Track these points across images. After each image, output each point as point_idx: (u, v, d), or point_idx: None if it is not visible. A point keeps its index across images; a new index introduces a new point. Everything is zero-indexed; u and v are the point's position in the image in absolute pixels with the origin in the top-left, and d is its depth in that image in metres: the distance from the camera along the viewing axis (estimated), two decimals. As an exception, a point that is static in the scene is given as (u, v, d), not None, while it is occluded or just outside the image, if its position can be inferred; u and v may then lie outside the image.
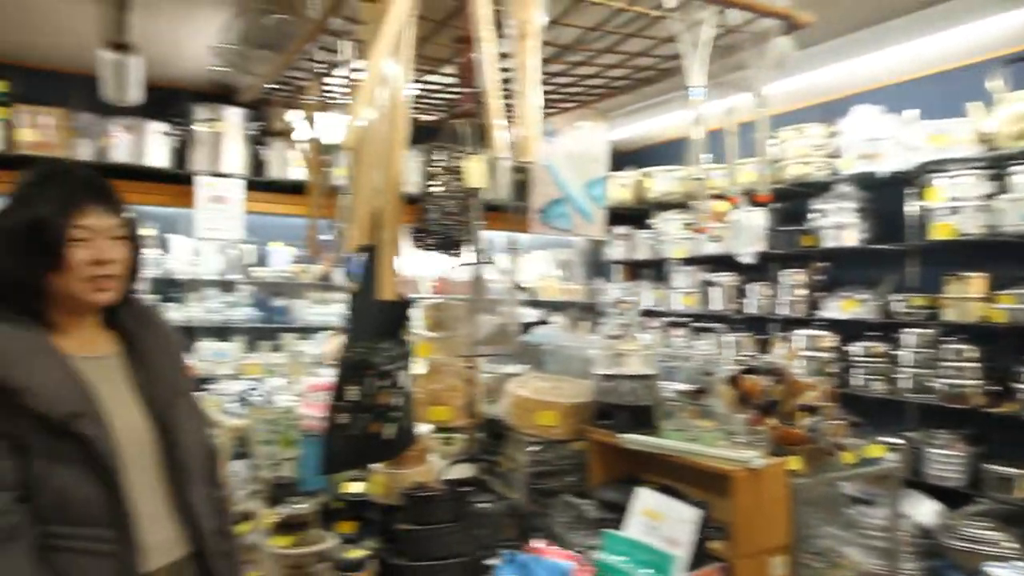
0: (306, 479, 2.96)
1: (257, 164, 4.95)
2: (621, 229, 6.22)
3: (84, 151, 4.49)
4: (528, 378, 3.21)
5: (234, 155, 4.78)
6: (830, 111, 4.83)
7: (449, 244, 1.82)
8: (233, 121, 4.76)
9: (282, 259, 5.37)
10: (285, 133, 4.91)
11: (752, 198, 2.44)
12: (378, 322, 1.88)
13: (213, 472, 1.74)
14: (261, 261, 5.38)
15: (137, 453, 1.51)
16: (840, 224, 4.57)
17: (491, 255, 1.91)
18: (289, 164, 4.92)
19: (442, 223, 1.68)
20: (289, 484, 2.75)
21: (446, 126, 1.87)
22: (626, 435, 2.60)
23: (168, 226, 5.10)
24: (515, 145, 1.48)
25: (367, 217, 1.66)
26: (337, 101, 2.69)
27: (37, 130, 4.29)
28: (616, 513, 2.57)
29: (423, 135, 2.12)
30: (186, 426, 1.60)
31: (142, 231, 1.65)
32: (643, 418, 2.70)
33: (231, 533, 1.77)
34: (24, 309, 1.48)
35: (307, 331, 5.39)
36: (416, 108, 2.41)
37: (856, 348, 4.53)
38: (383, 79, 1.52)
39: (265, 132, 4.95)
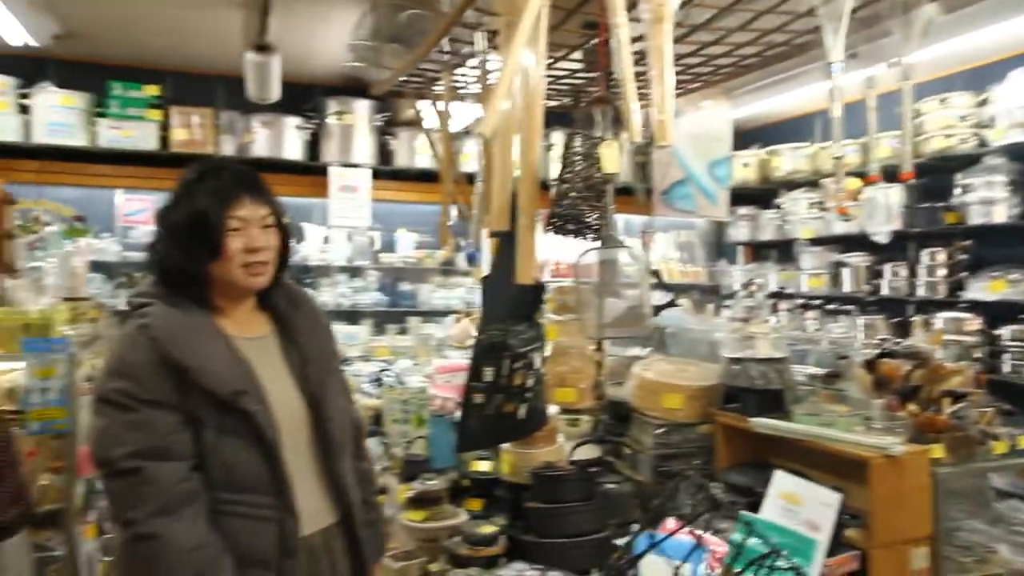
0: (436, 457, 3.08)
1: (384, 154, 5.14)
2: (744, 209, 6.06)
3: (228, 147, 4.80)
4: (653, 361, 3.21)
5: (363, 146, 4.98)
6: (977, 79, 4.52)
7: (584, 229, 1.85)
8: (362, 113, 4.95)
9: (407, 245, 5.55)
10: (412, 123, 5.09)
11: (896, 175, 2.33)
12: (513, 305, 1.94)
13: (359, 446, 1.85)
14: (387, 247, 5.59)
15: (292, 427, 1.61)
16: (989, 199, 4.29)
17: (624, 238, 1.93)
18: (415, 153, 5.07)
19: (578, 208, 1.71)
20: (421, 461, 2.87)
21: (580, 112, 1.90)
22: (756, 419, 2.57)
23: (301, 215, 5.39)
24: (651, 129, 1.49)
25: (504, 203, 1.71)
26: (468, 91, 2.76)
27: (187, 130, 4.61)
28: (745, 497, 2.55)
29: (551, 121, 2.15)
30: (335, 402, 1.69)
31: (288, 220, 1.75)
32: (773, 402, 2.65)
33: (375, 504, 1.87)
34: (191, 295, 1.60)
35: (432, 315, 5.57)
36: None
37: (1005, 332, 4.25)
38: (521, 68, 1.56)
39: (392, 123, 5.12)
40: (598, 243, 1.93)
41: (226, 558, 1.49)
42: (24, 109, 4.50)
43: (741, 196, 5.74)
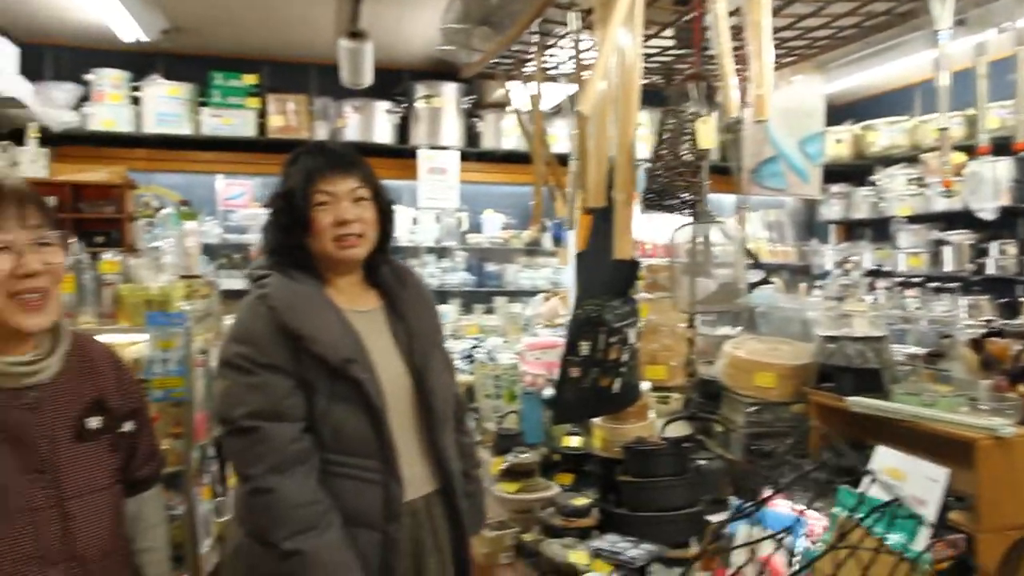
0: (527, 432, 3.15)
1: (471, 136, 5.21)
2: (837, 187, 5.88)
3: (321, 132, 4.96)
4: (744, 339, 3.18)
5: (451, 128, 5.06)
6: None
7: (679, 205, 1.86)
8: (449, 96, 5.04)
9: (494, 226, 5.63)
10: (499, 105, 5.14)
11: (1007, 147, 2.24)
12: (609, 281, 1.96)
13: (460, 419, 1.91)
14: (474, 228, 5.68)
15: (397, 397, 1.68)
16: (1105, 173, 4.04)
17: (718, 215, 1.92)
18: (502, 134, 5.13)
19: (673, 184, 1.72)
20: (514, 435, 2.94)
21: (673, 88, 1.90)
22: (853, 398, 2.52)
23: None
24: (748, 104, 1.49)
25: (600, 180, 1.74)
26: (559, 71, 2.78)
27: (283, 116, 4.79)
28: (841, 476, 2.51)
29: (643, 98, 2.15)
30: (438, 376, 1.74)
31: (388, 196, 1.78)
32: (871, 381, 2.60)
33: (475, 476, 1.92)
34: (302, 269, 1.68)
35: (517, 295, 5.64)
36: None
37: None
38: (618, 46, 1.58)
39: (479, 105, 5.18)
40: (691, 220, 1.94)
41: (334, 515, 1.57)
42: (136, 101, 4.76)
43: (834, 173, 5.57)
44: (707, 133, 1.69)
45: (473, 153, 5.20)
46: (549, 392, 3.31)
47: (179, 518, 2.63)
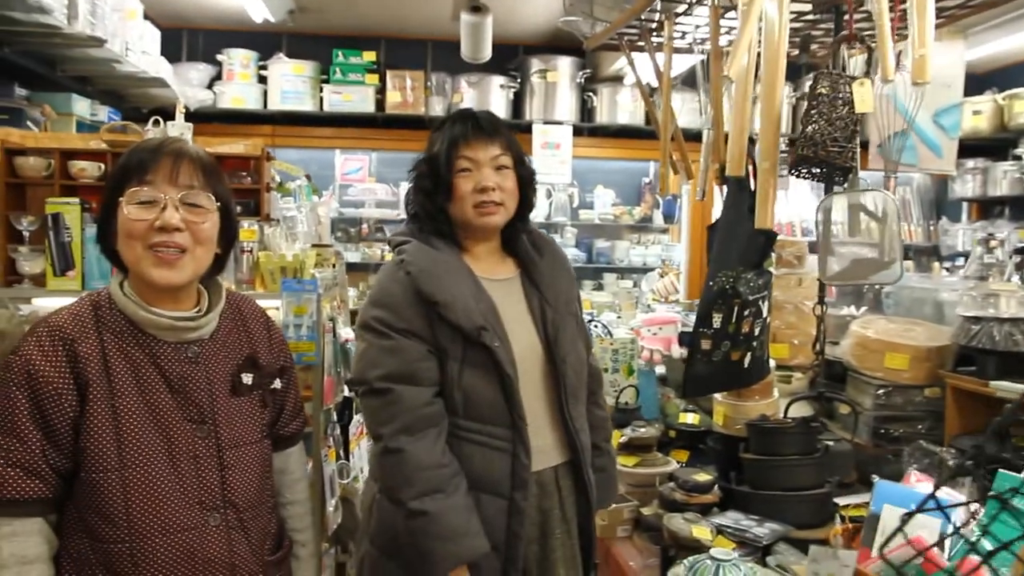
0: (643, 407, 3.13)
1: (585, 110, 5.17)
2: (973, 162, 5.51)
3: (437, 108, 5.03)
4: (873, 319, 3.05)
5: (564, 103, 5.04)
6: None
7: (831, 172, 1.79)
8: (564, 70, 5.01)
9: (605, 202, 5.59)
10: (615, 78, 5.08)
11: None
12: (743, 252, 1.92)
13: (595, 391, 1.89)
14: (584, 204, 5.65)
15: (529, 366, 1.69)
16: None
17: (867, 184, 1.84)
18: (617, 109, 5.07)
19: (826, 149, 1.65)
20: (633, 409, 2.93)
21: (829, 50, 1.82)
22: (1000, 383, 2.38)
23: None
24: (903, 67, 1.41)
25: (742, 148, 1.70)
26: (686, 41, 2.72)
27: (401, 92, 4.89)
28: (981, 465, 2.39)
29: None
30: (572, 347, 1.74)
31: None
32: (1018, 365, 2.45)
33: (607, 450, 1.90)
34: (441, 236, 1.72)
35: (627, 271, 5.59)
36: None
37: None
38: (763, 13, 1.53)
39: (593, 79, 5.13)
40: (839, 188, 1.86)
41: (461, 479, 1.60)
42: (262, 79, 4.97)
43: (970, 147, 5.23)
44: (865, 97, 1.61)
45: (586, 128, 5.16)
46: (661, 369, 3.29)
47: (307, 477, 2.75)
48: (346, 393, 3.01)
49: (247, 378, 1.47)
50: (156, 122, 2.71)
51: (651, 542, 2.31)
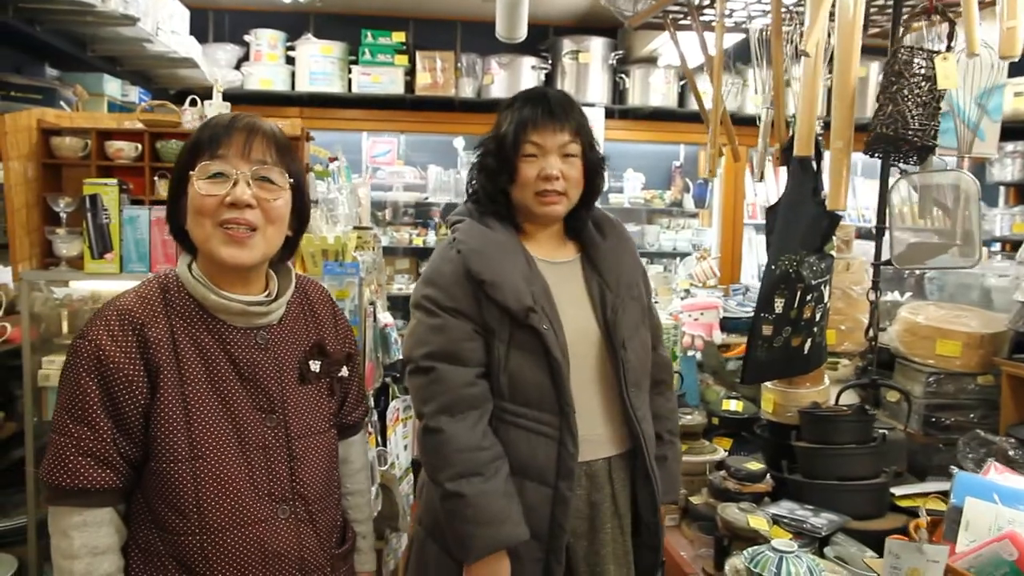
0: (686, 394, 3.07)
1: (617, 93, 5.09)
2: (1012, 145, 5.38)
3: (468, 89, 4.96)
4: (922, 305, 2.97)
5: (597, 84, 4.96)
6: None
7: (909, 151, 1.72)
8: (596, 52, 4.92)
9: (634, 186, 5.50)
10: (648, 60, 4.98)
11: None
12: (806, 234, 1.86)
13: (661, 380, 1.83)
14: (615, 188, 5.57)
15: (583, 352, 1.64)
16: None
17: (945, 164, 1.77)
18: (649, 91, 4.97)
19: (909, 128, 1.58)
20: (678, 396, 2.88)
21: (908, 25, 1.75)
22: (1062, 370, 2.31)
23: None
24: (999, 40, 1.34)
25: (810, 128, 1.63)
26: (736, 19, 2.63)
27: (431, 73, 4.82)
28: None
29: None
30: (632, 331, 1.67)
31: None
32: (1081, 353, 2.38)
33: (670, 442, 1.84)
34: (500, 216, 1.68)
35: (658, 256, 5.52)
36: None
37: None
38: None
39: (626, 60, 5.04)
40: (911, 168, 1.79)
41: (502, 464, 1.56)
42: (290, 60, 4.91)
43: (1009, 130, 5.09)
44: (948, 72, 1.54)
45: (617, 110, 5.08)
46: (699, 355, 3.22)
47: (367, 467, 2.73)
48: (384, 379, 2.97)
49: (315, 365, 1.42)
50: (193, 102, 2.67)
51: (701, 532, 2.26)
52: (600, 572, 1.66)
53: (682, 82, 5.04)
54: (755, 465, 2.31)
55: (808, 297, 1.85)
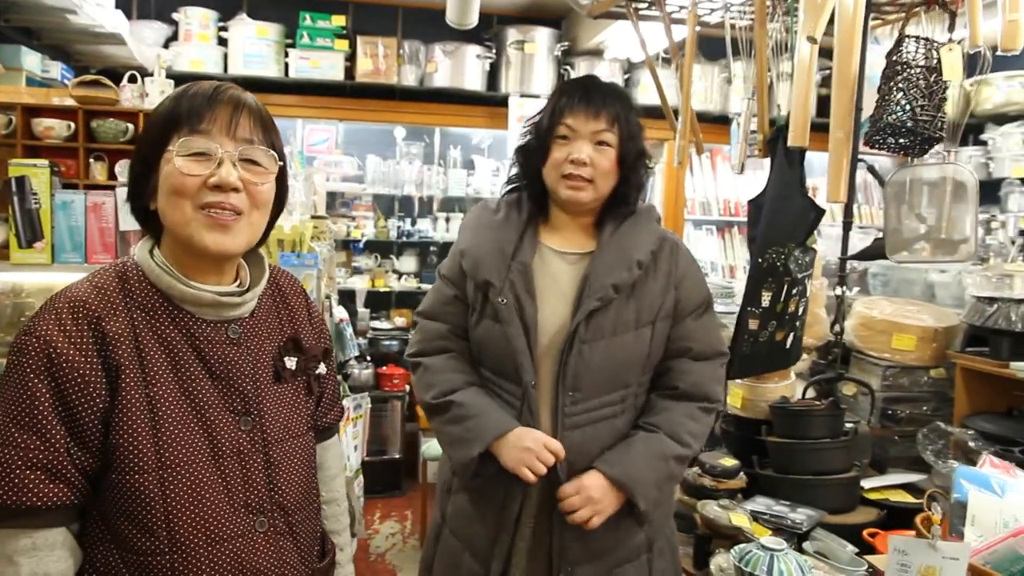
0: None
1: (562, 85, 5.03)
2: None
3: (410, 77, 4.82)
4: (876, 300, 3.03)
5: (542, 76, 4.89)
6: None
7: (914, 142, 1.71)
8: (542, 42, 4.85)
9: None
10: (594, 52, 4.94)
11: None
12: (792, 228, 1.83)
13: (673, 387, 1.66)
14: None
15: (550, 342, 1.60)
16: None
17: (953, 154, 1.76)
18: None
19: (917, 119, 1.56)
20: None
21: (911, 14, 1.73)
22: (1019, 363, 2.37)
23: (474, 149, 5.40)
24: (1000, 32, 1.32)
25: (805, 117, 1.60)
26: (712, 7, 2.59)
27: (372, 59, 4.66)
28: (995, 444, 2.38)
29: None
30: (601, 335, 1.57)
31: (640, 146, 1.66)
32: (1032, 346, 2.45)
33: (647, 427, 1.65)
34: (530, 197, 1.71)
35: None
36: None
37: None
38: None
39: (571, 52, 4.99)
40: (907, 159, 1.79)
41: (480, 388, 1.66)
42: (223, 42, 4.66)
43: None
44: (953, 63, 1.53)
45: (562, 103, 5.02)
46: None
47: (343, 472, 2.58)
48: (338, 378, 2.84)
49: (291, 362, 1.29)
50: (133, 78, 2.47)
51: (678, 530, 2.21)
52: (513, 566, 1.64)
53: (626, 75, 5.03)
54: (729, 461, 2.29)
55: (793, 291, 1.83)
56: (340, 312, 2.71)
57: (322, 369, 1.37)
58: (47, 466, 1.07)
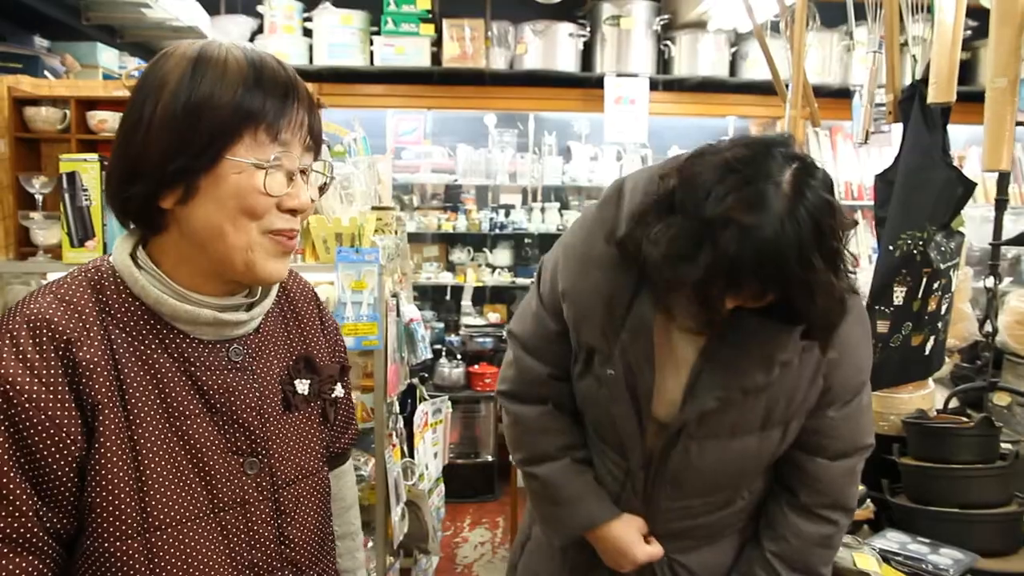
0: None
1: (661, 62, 4.68)
2: None
3: (499, 61, 4.59)
4: (1035, 292, 2.58)
5: (640, 53, 4.55)
6: None
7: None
8: (640, 16, 4.51)
9: (679, 164, 5.09)
10: (697, 24, 4.56)
11: None
12: (934, 206, 1.46)
13: (788, 488, 1.38)
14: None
15: (658, 426, 1.32)
16: None
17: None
18: (698, 59, 4.55)
19: None
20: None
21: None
22: None
23: (570, 133, 5.11)
24: None
25: (951, 69, 1.24)
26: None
27: (459, 43, 4.45)
28: None
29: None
30: (718, 432, 1.28)
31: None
32: None
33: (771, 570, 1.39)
34: None
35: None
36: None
37: None
38: None
39: (672, 26, 4.62)
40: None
41: (578, 453, 1.41)
42: (307, 32, 4.58)
43: None
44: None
45: (662, 81, 4.67)
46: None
47: (363, 480, 2.40)
48: (411, 380, 2.64)
49: (302, 386, 1.06)
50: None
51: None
52: None
53: (733, 48, 4.61)
54: (853, 488, 1.92)
55: (934, 285, 1.47)
56: (411, 311, 2.51)
57: (339, 391, 1.14)
58: (12, 537, 0.86)
